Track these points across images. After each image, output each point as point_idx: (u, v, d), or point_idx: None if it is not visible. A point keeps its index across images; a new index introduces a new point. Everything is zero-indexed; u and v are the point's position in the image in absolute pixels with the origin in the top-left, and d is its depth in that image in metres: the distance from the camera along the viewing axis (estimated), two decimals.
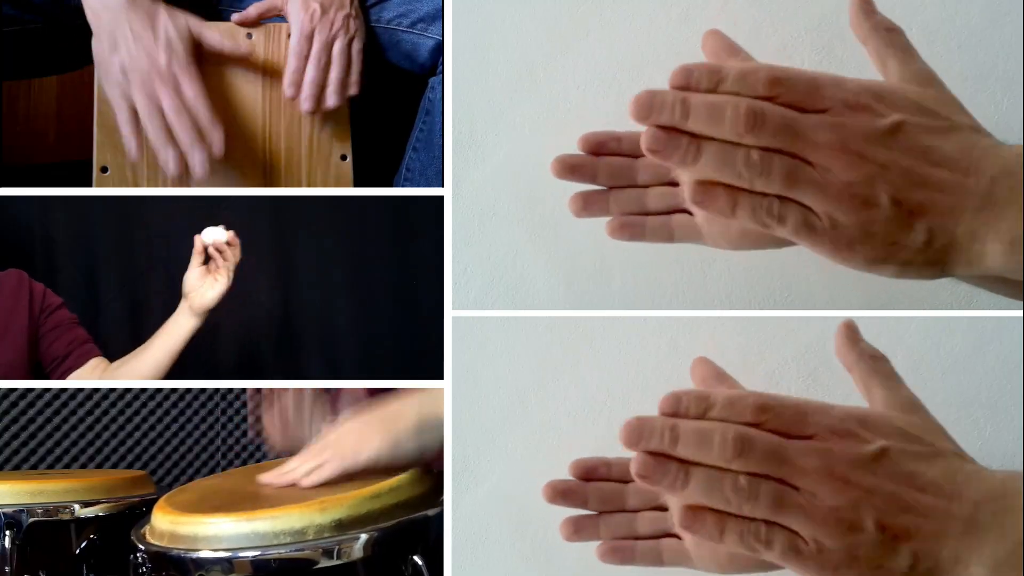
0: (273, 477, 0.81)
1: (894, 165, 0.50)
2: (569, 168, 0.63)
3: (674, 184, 0.61)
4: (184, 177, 0.94)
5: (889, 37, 0.57)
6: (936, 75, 0.55)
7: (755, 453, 0.48)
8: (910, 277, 0.52)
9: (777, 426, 0.50)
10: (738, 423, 0.50)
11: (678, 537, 0.59)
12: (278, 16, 0.99)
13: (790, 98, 0.51)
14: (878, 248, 0.51)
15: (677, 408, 0.51)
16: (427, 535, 0.73)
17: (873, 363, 0.57)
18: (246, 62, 0.99)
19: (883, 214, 0.50)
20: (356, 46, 0.99)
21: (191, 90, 0.92)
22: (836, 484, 0.48)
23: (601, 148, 0.63)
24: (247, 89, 1.00)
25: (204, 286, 1.04)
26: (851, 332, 0.58)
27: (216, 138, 0.93)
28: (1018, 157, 0.51)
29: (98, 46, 0.92)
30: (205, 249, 1.04)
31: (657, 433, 0.50)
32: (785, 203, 0.51)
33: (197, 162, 0.92)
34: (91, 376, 1.09)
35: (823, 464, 0.48)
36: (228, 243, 1.04)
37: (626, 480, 0.62)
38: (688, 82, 0.52)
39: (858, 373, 0.57)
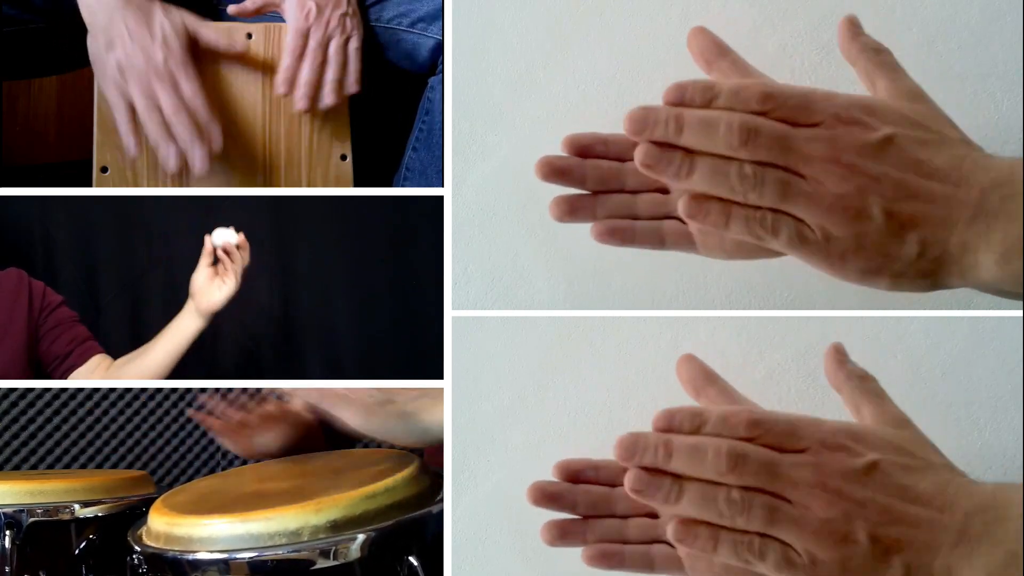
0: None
1: (886, 177, 0.51)
2: (556, 171, 0.60)
3: (664, 191, 0.59)
4: (184, 174, 0.95)
5: (876, 57, 0.57)
6: (924, 92, 0.55)
7: (748, 466, 0.50)
8: (903, 290, 0.53)
9: (769, 441, 0.51)
10: (731, 438, 0.51)
11: (670, 544, 0.56)
12: (276, 13, 0.99)
13: (782, 113, 0.52)
14: (871, 260, 0.51)
15: (671, 424, 0.53)
16: (423, 536, 0.72)
17: (860, 382, 0.58)
18: (245, 61, 0.99)
19: (876, 226, 0.51)
20: (353, 44, 0.98)
21: (189, 87, 0.92)
22: (828, 497, 0.49)
23: (587, 151, 0.60)
24: (247, 89, 1.00)
25: (212, 288, 1.04)
26: (838, 354, 0.60)
27: (215, 133, 0.94)
28: (1011, 168, 0.51)
29: (94, 44, 0.92)
30: (214, 251, 1.04)
31: (651, 448, 0.52)
32: (778, 216, 0.52)
33: (197, 158, 0.93)
34: (94, 373, 1.09)
35: (815, 478, 0.49)
36: (237, 246, 1.04)
37: (614, 484, 0.59)
38: (682, 98, 0.53)
39: (847, 393, 0.58)
